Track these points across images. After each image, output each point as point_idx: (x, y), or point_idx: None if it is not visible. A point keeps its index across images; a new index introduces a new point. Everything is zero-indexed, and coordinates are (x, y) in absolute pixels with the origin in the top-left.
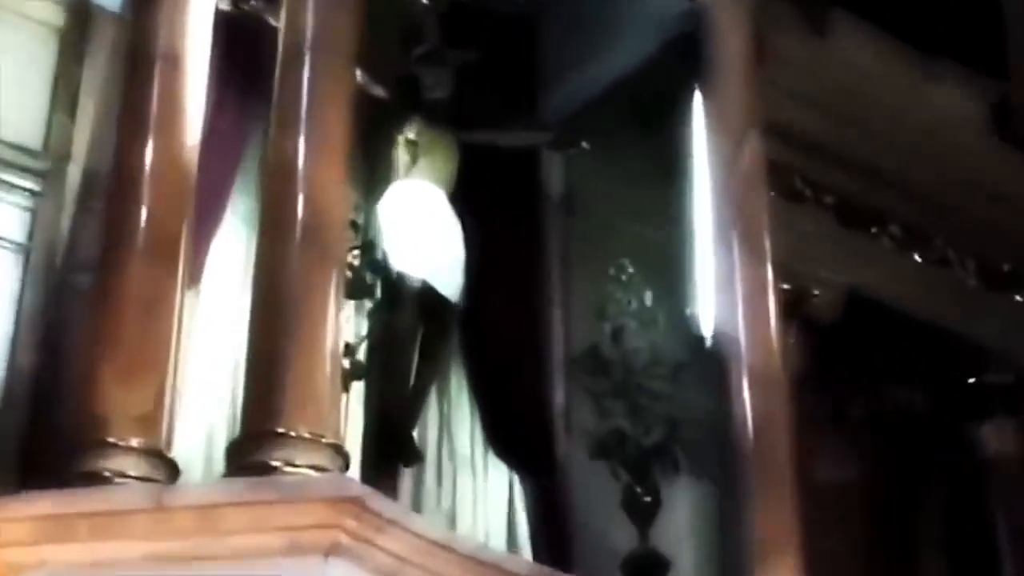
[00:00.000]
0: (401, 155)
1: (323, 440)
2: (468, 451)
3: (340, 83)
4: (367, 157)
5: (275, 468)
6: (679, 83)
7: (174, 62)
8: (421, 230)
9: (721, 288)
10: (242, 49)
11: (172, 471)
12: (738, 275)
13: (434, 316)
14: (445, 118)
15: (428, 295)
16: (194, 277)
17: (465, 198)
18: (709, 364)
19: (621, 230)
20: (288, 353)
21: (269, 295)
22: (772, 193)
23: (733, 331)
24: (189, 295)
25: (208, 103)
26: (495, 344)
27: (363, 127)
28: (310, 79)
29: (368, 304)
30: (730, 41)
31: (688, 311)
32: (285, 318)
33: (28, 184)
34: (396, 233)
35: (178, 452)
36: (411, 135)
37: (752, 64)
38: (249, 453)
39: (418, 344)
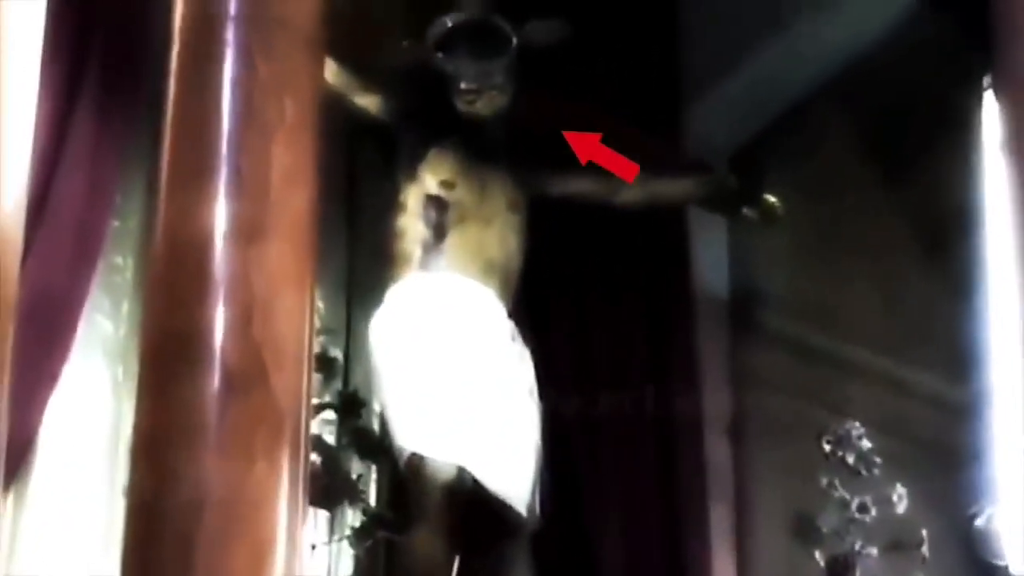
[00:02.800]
0: (415, 222)
1: None
2: None
3: (298, 88)
4: (348, 228)
5: None
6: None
7: None
8: (455, 370)
9: None
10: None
11: None
12: None
13: (484, 538)
14: (501, 150)
15: (472, 500)
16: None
17: (541, 303)
18: None
19: (845, 360)
20: None
21: (156, 500)
22: None
23: None
24: None
25: (44, 122)
26: None
27: (341, 171)
28: (238, 80)
29: (353, 514)
30: None
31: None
32: (185, 544)
33: None
34: (405, 376)
35: None
36: (436, 183)
37: None
38: None
39: None
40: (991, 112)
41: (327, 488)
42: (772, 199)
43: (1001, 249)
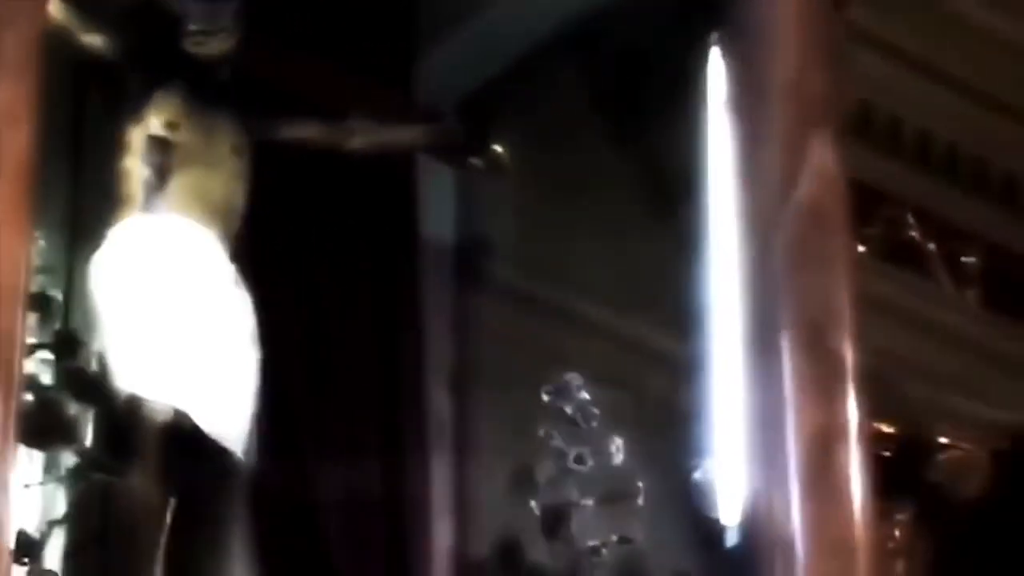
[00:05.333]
0: (139, 164)
1: None
2: None
3: (17, 25)
4: (72, 167)
5: None
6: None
7: None
8: (174, 313)
9: (759, 435)
10: None
11: None
12: (791, 409)
13: (198, 479)
14: (227, 94)
15: (186, 439)
16: None
17: (265, 248)
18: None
19: (571, 314)
20: None
21: None
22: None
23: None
24: None
25: None
26: (328, 529)
27: (66, 109)
28: None
29: (67, 455)
30: None
31: (692, 475)
32: None
33: None
34: (124, 318)
35: None
36: (160, 124)
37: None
38: None
39: (166, 531)
40: (717, 71)
41: (40, 428)
42: (499, 149)
43: (724, 206)
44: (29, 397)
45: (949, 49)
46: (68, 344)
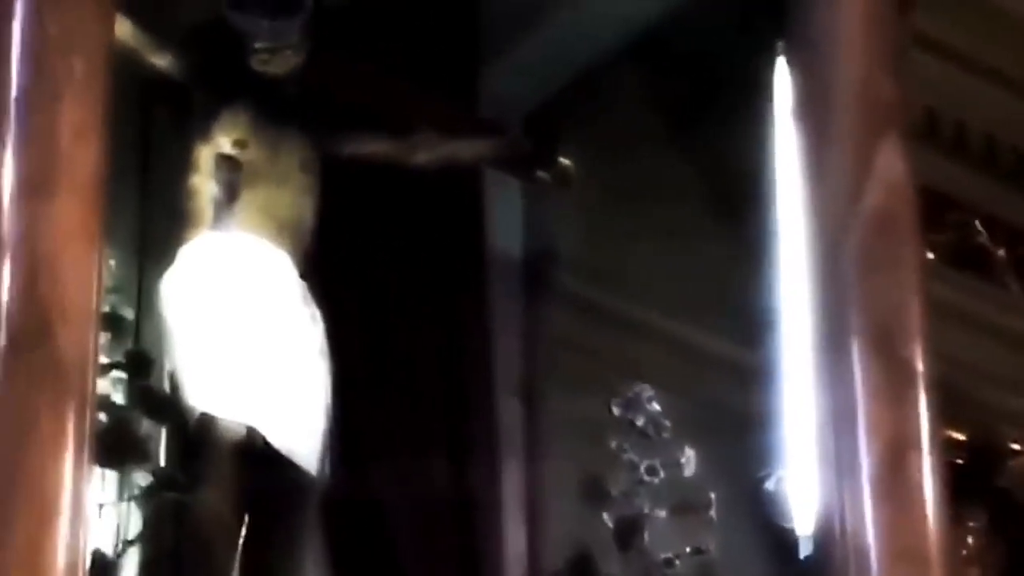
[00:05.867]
0: (208, 182)
1: None
2: None
3: (87, 45)
4: (141, 186)
5: None
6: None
7: None
8: (245, 330)
9: (830, 443)
10: None
11: None
12: (863, 416)
13: (271, 495)
14: (294, 111)
15: (259, 456)
16: None
17: (334, 264)
18: None
19: (639, 323)
20: None
21: None
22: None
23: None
24: None
25: None
26: (401, 542)
27: (134, 129)
28: (27, 37)
29: (141, 474)
30: None
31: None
32: None
33: None
34: (195, 336)
35: None
36: (229, 142)
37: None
38: None
39: (240, 549)
40: (783, 78)
41: (114, 448)
42: (566, 161)
43: (792, 215)
44: (102, 417)
45: (1015, 53)
46: (140, 363)
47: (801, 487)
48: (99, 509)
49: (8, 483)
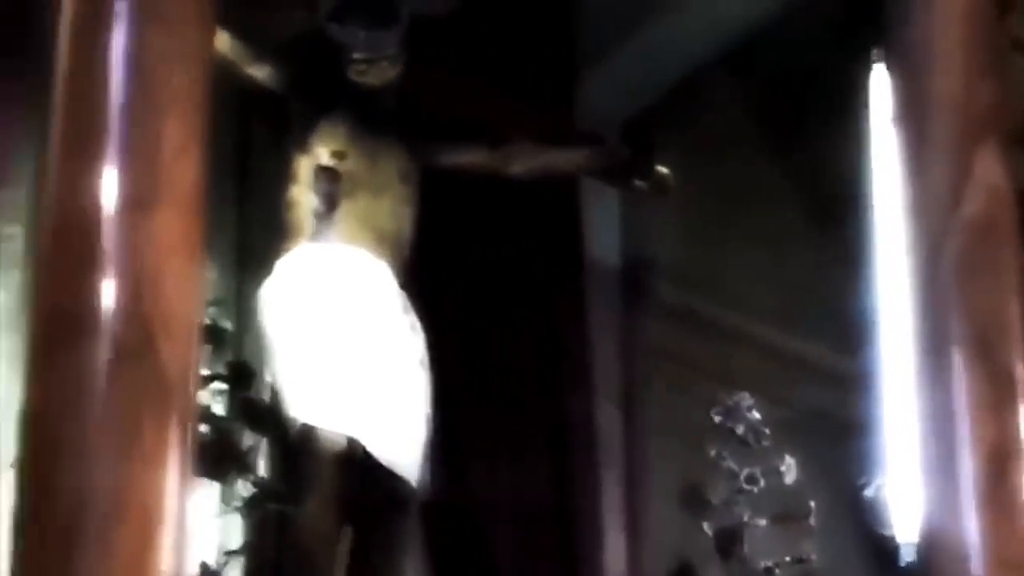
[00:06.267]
0: (307, 193)
1: None
2: None
3: (187, 58)
4: (239, 198)
5: None
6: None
7: None
8: (345, 341)
9: (931, 451)
10: None
11: None
12: (964, 424)
13: (373, 506)
14: (392, 121)
15: (360, 467)
16: None
17: (432, 273)
18: None
19: (737, 332)
20: None
21: (45, 473)
22: None
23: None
24: None
25: None
26: (502, 551)
27: (233, 140)
28: (128, 50)
29: (243, 485)
30: None
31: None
32: (75, 518)
33: None
34: (295, 347)
35: None
36: (327, 153)
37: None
38: None
39: (342, 560)
40: (881, 85)
41: (216, 459)
42: (664, 170)
43: (890, 221)
44: (204, 429)
45: None
46: (241, 375)
47: (901, 494)
48: (202, 521)
49: (112, 496)
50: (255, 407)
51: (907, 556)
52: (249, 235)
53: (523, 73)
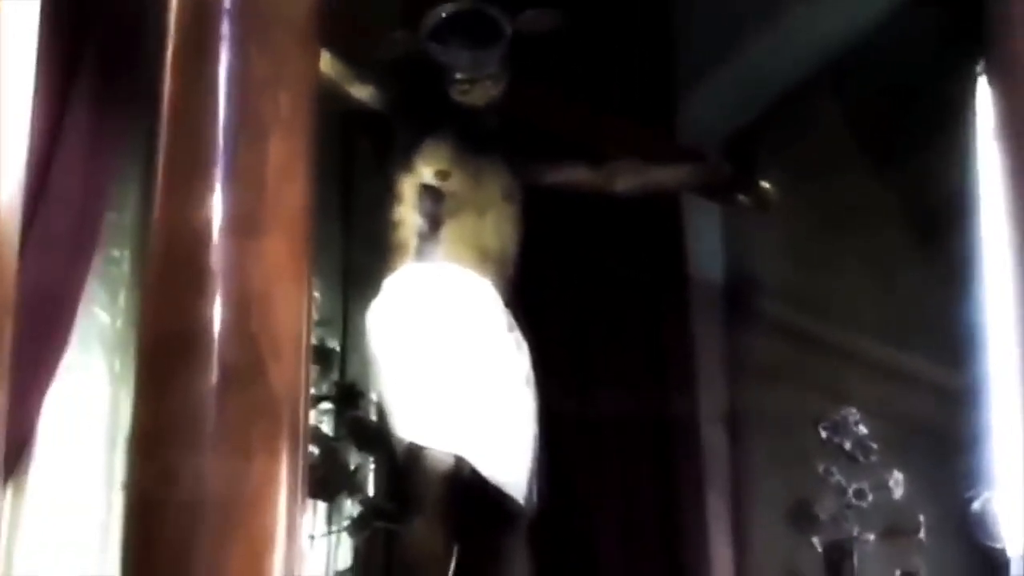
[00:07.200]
0: (412, 213)
1: None
2: None
3: (292, 81)
4: (344, 218)
5: None
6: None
7: None
8: (452, 360)
9: None
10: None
11: None
12: None
13: (481, 525)
14: (495, 140)
15: (468, 486)
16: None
17: (537, 292)
18: None
19: (842, 348)
20: None
21: (156, 495)
22: None
23: None
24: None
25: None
26: (610, 570)
27: (337, 161)
28: (233, 74)
29: (352, 505)
30: None
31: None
32: (186, 539)
33: None
34: (402, 367)
35: None
36: (431, 173)
37: None
38: None
39: None
40: (984, 99)
41: (325, 479)
42: (766, 185)
43: (996, 235)
44: (313, 448)
45: None
46: (348, 395)
47: (1010, 507)
48: (311, 540)
49: (224, 517)
50: (363, 427)
51: (1017, 569)
52: (354, 255)
53: (625, 90)
